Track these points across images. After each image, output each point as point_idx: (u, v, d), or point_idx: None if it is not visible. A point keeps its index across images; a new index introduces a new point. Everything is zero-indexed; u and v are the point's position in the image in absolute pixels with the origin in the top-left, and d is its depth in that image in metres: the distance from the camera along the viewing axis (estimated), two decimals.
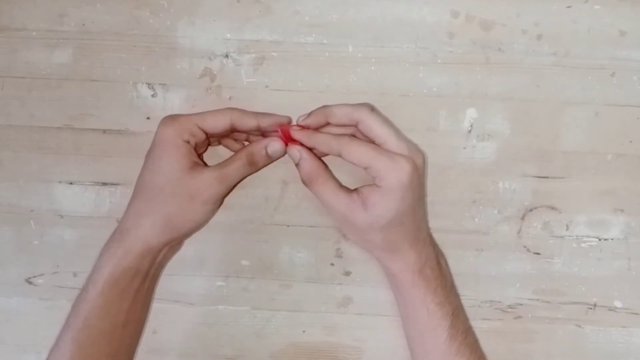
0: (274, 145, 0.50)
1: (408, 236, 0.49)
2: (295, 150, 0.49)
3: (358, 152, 0.47)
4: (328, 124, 0.50)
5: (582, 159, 0.55)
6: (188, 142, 0.49)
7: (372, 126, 0.48)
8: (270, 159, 0.51)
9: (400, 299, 0.51)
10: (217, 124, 0.50)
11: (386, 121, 0.49)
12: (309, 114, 0.50)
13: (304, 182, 0.49)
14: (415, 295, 0.49)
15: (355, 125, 0.49)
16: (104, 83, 0.55)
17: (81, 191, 0.55)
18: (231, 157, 0.51)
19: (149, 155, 0.50)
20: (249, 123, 0.50)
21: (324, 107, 0.50)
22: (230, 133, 0.52)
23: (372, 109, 0.49)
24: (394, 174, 0.46)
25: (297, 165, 0.49)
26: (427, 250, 0.50)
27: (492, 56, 0.55)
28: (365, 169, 0.47)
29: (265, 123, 0.50)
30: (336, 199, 0.48)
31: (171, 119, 0.50)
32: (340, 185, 0.49)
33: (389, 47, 0.55)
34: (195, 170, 0.49)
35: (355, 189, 0.49)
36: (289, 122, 0.52)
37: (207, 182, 0.49)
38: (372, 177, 0.47)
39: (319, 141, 0.49)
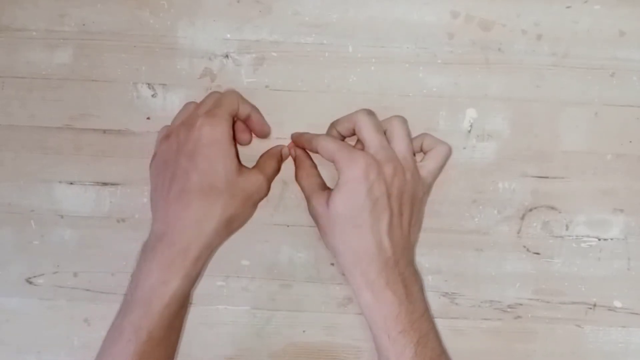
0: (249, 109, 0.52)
1: (366, 247, 0.47)
2: (291, 149, 0.53)
3: (326, 146, 0.49)
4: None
5: (581, 159, 0.55)
6: (235, 141, 0.50)
7: (362, 129, 0.49)
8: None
9: (366, 319, 0.48)
10: (244, 113, 0.52)
11: (377, 127, 0.49)
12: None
13: (295, 177, 0.53)
14: (375, 319, 0.47)
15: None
16: (104, 83, 0.55)
17: (81, 191, 0.55)
18: (264, 158, 0.53)
19: (194, 157, 0.48)
20: (244, 111, 0.52)
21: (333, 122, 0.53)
22: None
23: (368, 113, 0.50)
24: (349, 167, 0.47)
25: (294, 159, 0.54)
26: (392, 274, 0.47)
27: (491, 56, 0.55)
28: (333, 162, 0.49)
29: (255, 118, 0.53)
30: (313, 193, 0.51)
31: (214, 118, 0.48)
32: (324, 185, 0.52)
33: (389, 48, 0.55)
34: (244, 171, 0.50)
35: (330, 189, 0.50)
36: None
37: (258, 183, 0.50)
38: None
39: (302, 139, 0.52)
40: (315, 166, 0.53)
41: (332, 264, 0.55)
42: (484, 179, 0.55)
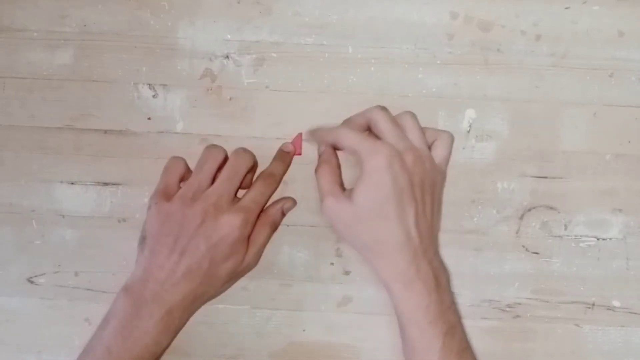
0: (290, 203, 0.54)
1: (395, 238, 0.47)
2: (321, 146, 0.52)
3: (348, 137, 0.49)
4: None
5: (580, 159, 0.55)
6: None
7: (379, 123, 0.49)
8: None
9: (395, 310, 0.49)
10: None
11: (393, 120, 0.50)
12: None
13: (316, 172, 0.51)
14: (405, 310, 0.48)
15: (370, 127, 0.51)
16: (104, 83, 0.55)
17: (82, 191, 0.55)
18: (261, 225, 0.52)
19: (214, 249, 0.49)
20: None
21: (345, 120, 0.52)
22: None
23: (382, 108, 0.50)
24: (373, 157, 0.47)
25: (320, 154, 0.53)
26: (421, 263, 0.48)
27: (491, 57, 0.55)
28: (354, 155, 0.49)
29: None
30: (333, 189, 0.49)
31: (245, 216, 0.50)
32: (343, 186, 0.51)
33: (388, 48, 0.55)
34: (245, 258, 0.51)
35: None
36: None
37: (252, 265, 0.52)
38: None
39: (321, 134, 0.52)
40: (339, 166, 0.52)
41: (332, 264, 0.55)
42: (483, 179, 0.55)
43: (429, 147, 0.51)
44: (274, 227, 0.53)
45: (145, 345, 0.48)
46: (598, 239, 0.55)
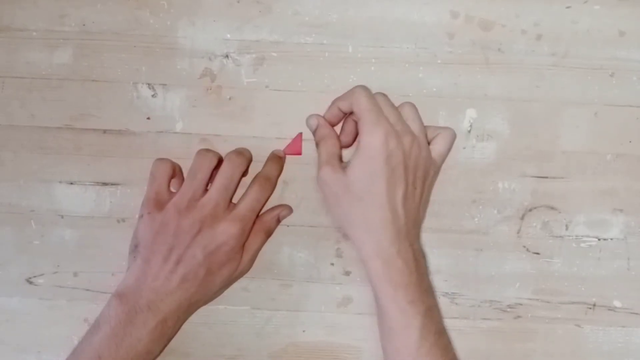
0: (286, 211, 0.54)
1: (381, 214, 0.48)
2: (313, 118, 0.52)
3: (361, 99, 0.49)
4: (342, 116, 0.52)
5: (581, 159, 0.55)
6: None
7: (363, 103, 0.49)
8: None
9: (373, 291, 0.49)
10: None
11: (392, 105, 0.50)
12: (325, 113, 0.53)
13: (316, 143, 0.51)
14: (385, 289, 0.48)
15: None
16: (104, 83, 0.55)
17: (81, 191, 0.55)
18: (256, 231, 0.52)
19: (210, 258, 0.50)
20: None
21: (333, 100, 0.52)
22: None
23: (380, 93, 0.50)
24: (371, 131, 0.48)
25: (314, 132, 0.52)
26: (403, 243, 0.48)
27: (491, 56, 0.55)
28: (357, 120, 0.49)
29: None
30: (329, 158, 0.50)
31: (241, 225, 0.50)
32: (341, 157, 0.51)
33: (388, 48, 0.55)
34: (239, 264, 0.52)
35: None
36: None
37: (245, 271, 0.53)
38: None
39: (334, 106, 0.51)
40: (338, 139, 0.52)
41: (332, 264, 0.55)
42: (484, 179, 0.55)
43: (429, 142, 0.51)
44: (269, 234, 0.53)
45: (137, 353, 0.48)
46: (599, 239, 0.55)
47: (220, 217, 0.50)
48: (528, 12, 0.55)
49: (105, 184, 0.55)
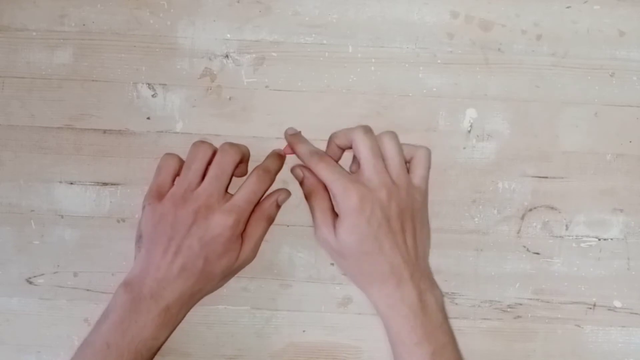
0: (284, 195, 0.53)
1: (378, 269, 0.49)
2: (298, 169, 0.52)
3: (322, 173, 0.50)
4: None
5: (581, 159, 0.55)
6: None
7: (359, 149, 0.50)
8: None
9: (384, 328, 0.51)
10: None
11: (373, 148, 0.49)
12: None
13: (305, 197, 0.52)
14: (392, 331, 0.49)
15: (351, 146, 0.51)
16: (104, 83, 0.55)
17: (81, 191, 0.55)
18: (255, 218, 0.52)
19: (207, 248, 0.49)
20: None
21: (331, 134, 0.53)
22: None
23: (365, 131, 0.50)
24: (345, 199, 0.48)
25: (300, 183, 0.52)
26: (406, 288, 0.49)
27: (491, 56, 0.55)
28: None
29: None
30: (323, 217, 0.51)
31: (236, 217, 0.50)
32: (332, 209, 0.51)
33: (388, 48, 0.55)
34: (239, 255, 0.51)
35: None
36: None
37: (248, 262, 0.52)
38: None
39: (299, 148, 0.52)
40: (327, 190, 0.51)
41: (332, 264, 0.55)
42: (484, 179, 0.55)
43: (408, 167, 0.51)
44: (270, 221, 0.53)
45: (143, 339, 0.48)
46: (599, 239, 0.55)
47: (215, 207, 0.50)
48: (528, 12, 0.55)
49: (105, 184, 0.55)
